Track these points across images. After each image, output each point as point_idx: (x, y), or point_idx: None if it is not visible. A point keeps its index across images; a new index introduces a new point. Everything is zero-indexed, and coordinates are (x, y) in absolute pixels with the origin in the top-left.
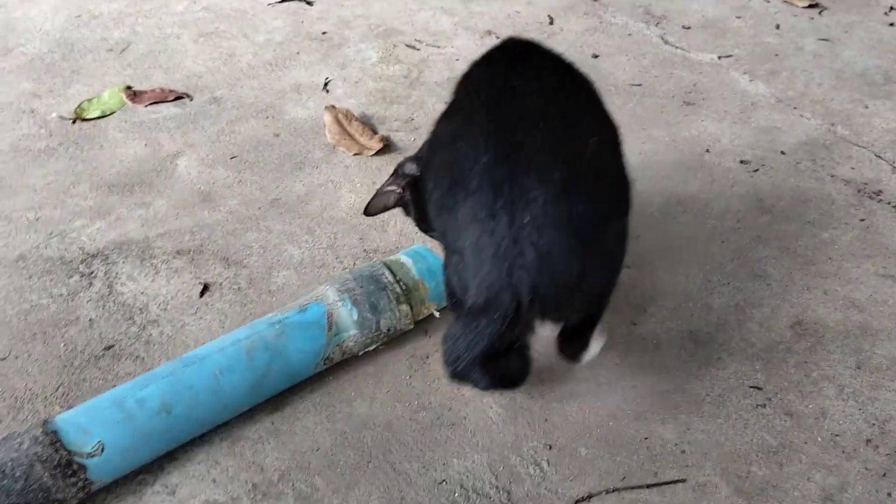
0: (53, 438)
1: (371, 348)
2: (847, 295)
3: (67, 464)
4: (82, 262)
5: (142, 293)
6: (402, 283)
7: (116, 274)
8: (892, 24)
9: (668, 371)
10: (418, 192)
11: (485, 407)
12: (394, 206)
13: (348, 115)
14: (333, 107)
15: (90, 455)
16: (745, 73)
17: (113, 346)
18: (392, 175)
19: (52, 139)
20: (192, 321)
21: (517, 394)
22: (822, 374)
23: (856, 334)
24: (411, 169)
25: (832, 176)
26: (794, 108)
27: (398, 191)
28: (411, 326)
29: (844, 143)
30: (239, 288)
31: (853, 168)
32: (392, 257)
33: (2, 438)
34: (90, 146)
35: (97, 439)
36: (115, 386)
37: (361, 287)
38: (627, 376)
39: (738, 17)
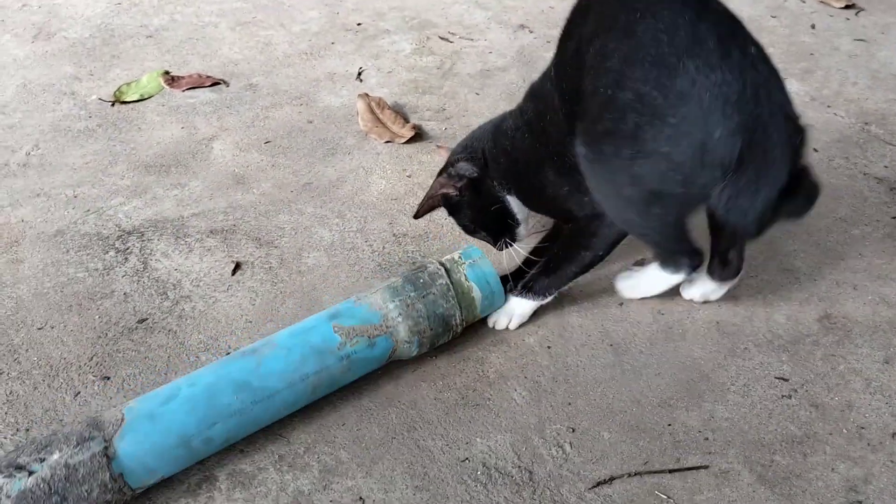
0: (121, 484)
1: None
2: (877, 290)
3: (131, 499)
4: (118, 238)
5: (175, 269)
6: (464, 323)
7: (151, 251)
8: None
9: (694, 360)
10: (476, 193)
11: (509, 389)
12: (436, 208)
13: (381, 104)
14: (367, 95)
15: (150, 485)
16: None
17: (146, 319)
18: (443, 174)
19: (92, 120)
20: (223, 298)
21: (541, 377)
22: (850, 368)
23: (884, 329)
24: (468, 170)
25: (865, 174)
26: (828, 106)
27: (454, 193)
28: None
29: (878, 141)
30: (270, 267)
31: (886, 167)
32: (464, 281)
33: (64, 478)
34: (128, 128)
35: (161, 475)
36: (147, 359)
37: (431, 330)
38: (653, 364)
39: (774, 17)
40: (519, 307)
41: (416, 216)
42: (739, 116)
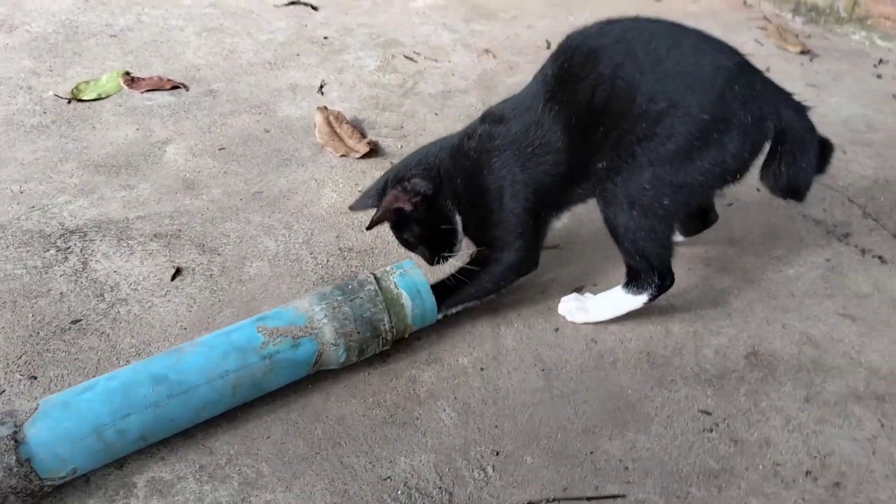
0: (28, 470)
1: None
2: (805, 331)
3: (39, 489)
4: (60, 236)
5: (115, 272)
6: (394, 331)
7: (92, 251)
8: (879, 76)
9: (622, 389)
10: (428, 209)
11: (438, 409)
12: (387, 221)
13: (339, 118)
14: (325, 108)
15: (63, 478)
16: None
17: (80, 320)
18: (396, 188)
19: (46, 116)
20: (160, 303)
21: (471, 399)
22: (771, 405)
23: (808, 369)
24: (424, 186)
25: (804, 216)
26: None
27: (408, 208)
28: None
29: (819, 185)
30: (211, 275)
31: (825, 210)
32: (394, 288)
33: None
34: (82, 126)
35: (72, 466)
36: (77, 360)
37: (358, 333)
38: (582, 391)
39: None
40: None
41: (369, 228)
42: (759, 107)
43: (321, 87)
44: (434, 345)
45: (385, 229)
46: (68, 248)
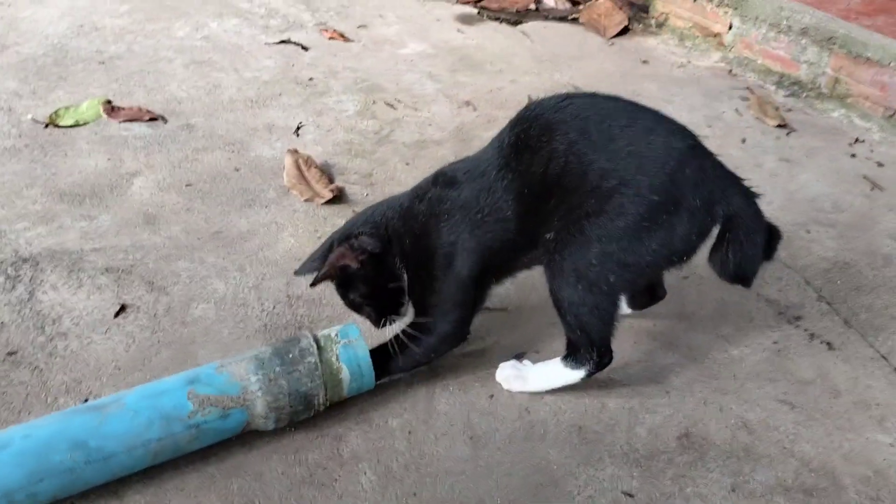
0: None
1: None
2: (741, 415)
3: None
4: (12, 264)
5: (60, 304)
6: (328, 402)
7: (41, 281)
8: (853, 156)
9: (548, 463)
10: (375, 268)
11: (359, 472)
12: (333, 278)
13: (308, 162)
14: (296, 151)
15: None
16: None
17: (16, 352)
18: (343, 245)
19: (20, 140)
20: (100, 340)
21: (394, 463)
22: (696, 492)
23: (739, 456)
24: (371, 245)
25: (758, 294)
26: None
27: (355, 266)
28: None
29: (778, 264)
30: (155, 314)
31: (780, 290)
32: (335, 361)
33: None
34: (55, 152)
35: None
36: (5, 394)
37: (291, 407)
38: (507, 462)
39: (709, 126)
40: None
41: (313, 284)
42: (709, 192)
43: (298, 128)
44: (366, 403)
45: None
46: (18, 276)
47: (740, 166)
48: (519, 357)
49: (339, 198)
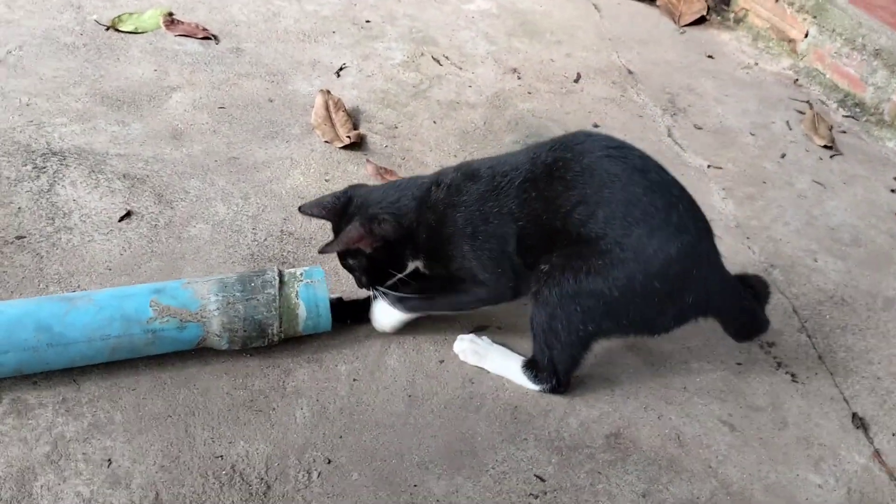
0: None
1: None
2: (678, 427)
3: None
4: (42, 155)
5: (74, 200)
6: (281, 335)
7: (63, 176)
8: (893, 191)
9: (474, 434)
10: (385, 252)
11: (296, 406)
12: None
13: (338, 104)
14: (328, 91)
15: None
16: (723, 188)
17: (24, 237)
18: (364, 225)
19: (81, 38)
20: (100, 240)
21: (331, 405)
22: (607, 489)
23: (661, 465)
24: (390, 234)
25: None
26: (748, 237)
27: (368, 251)
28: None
29: (772, 287)
30: (155, 225)
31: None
32: (293, 297)
33: None
34: (108, 56)
35: None
36: (3, 273)
37: (245, 332)
38: (436, 425)
39: (752, 134)
40: (388, 315)
41: (321, 252)
42: (706, 293)
43: (340, 69)
44: (321, 344)
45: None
46: (44, 167)
47: (769, 181)
48: (479, 330)
49: (357, 145)
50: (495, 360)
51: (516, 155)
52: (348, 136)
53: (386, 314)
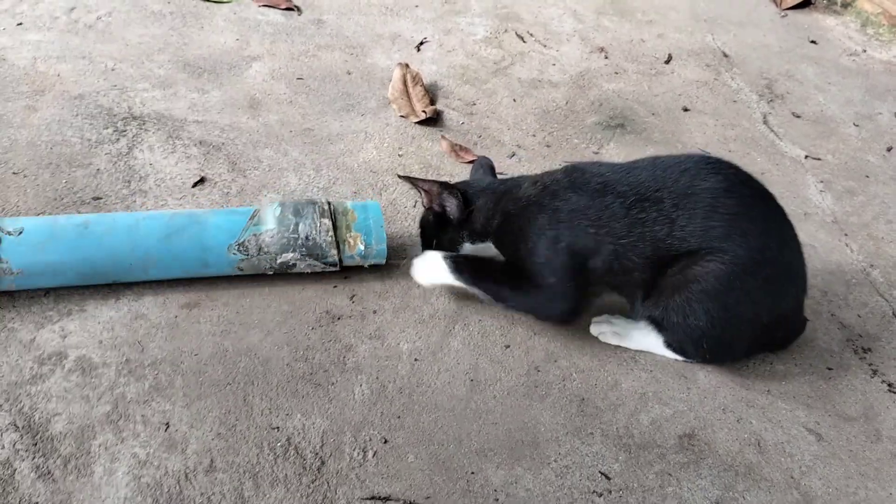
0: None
1: (289, 258)
2: (758, 432)
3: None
4: (123, 119)
5: (150, 164)
6: (331, 206)
7: (142, 140)
8: None
9: (536, 424)
10: (439, 225)
11: (356, 382)
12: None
13: (416, 78)
14: (407, 65)
15: (9, 233)
16: (821, 181)
17: (101, 198)
18: (443, 189)
19: (168, 6)
20: (173, 204)
21: (391, 384)
22: (676, 493)
23: (738, 471)
24: (452, 210)
25: (832, 315)
26: (845, 234)
27: (426, 207)
28: (336, 256)
29: (870, 288)
30: (227, 193)
31: (860, 316)
32: (345, 210)
33: None
34: (193, 24)
35: (21, 225)
36: None
37: (295, 200)
38: (497, 412)
39: (856, 125)
40: (432, 270)
41: (399, 176)
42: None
43: (420, 43)
44: (386, 322)
45: (403, 202)
46: (124, 131)
47: (871, 175)
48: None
49: (433, 120)
50: (638, 339)
51: (636, 170)
52: (424, 111)
53: (429, 268)
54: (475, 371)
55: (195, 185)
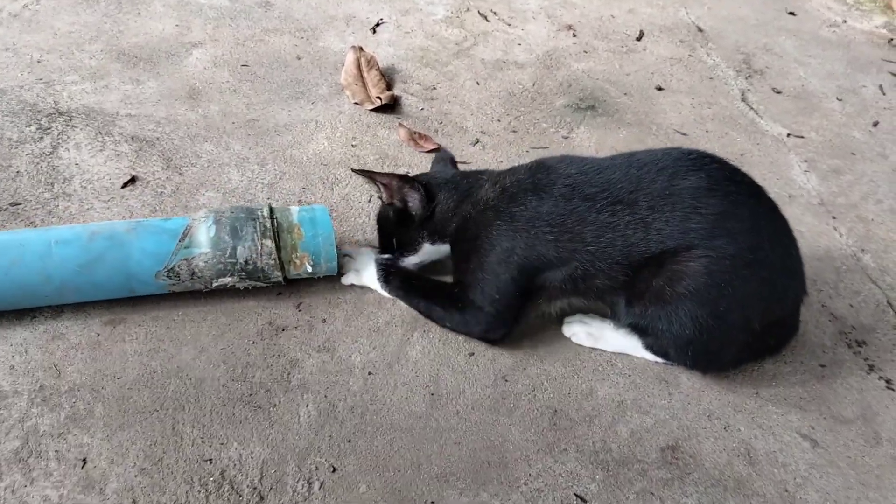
0: None
1: (227, 281)
2: (748, 440)
3: None
4: (48, 115)
5: (76, 164)
6: (274, 221)
7: (68, 138)
8: None
9: (504, 442)
10: (399, 220)
11: (301, 403)
12: (376, 185)
13: (371, 62)
14: (361, 48)
15: None
16: (805, 160)
17: (20, 204)
18: (404, 183)
19: None
20: (99, 208)
21: (341, 403)
22: None
23: (727, 486)
24: (415, 206)
25: (823, 306)
26: (833, 217)
27: (386, 202)
28: (279, 276)
29: (862, 275)
30: (161, 193)
31: (852, 306)
32: (292, 218)
33: None
34: (130, 10)
35: None
36: None
37: (232, 213)
38: (461, 430)
39: (839, 100)
40: (370, 278)
41: (355, 170)
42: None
43: (376, 25)
44: (337, 332)
45: (357, 196)
46: (49, 129)
47: (858, 152)
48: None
49: (390, 107)
50: (615, 341)
51: (608, 169)
52: (379, 98)
53: (361, 270)
54: (436, 384)
55: (125, 185)
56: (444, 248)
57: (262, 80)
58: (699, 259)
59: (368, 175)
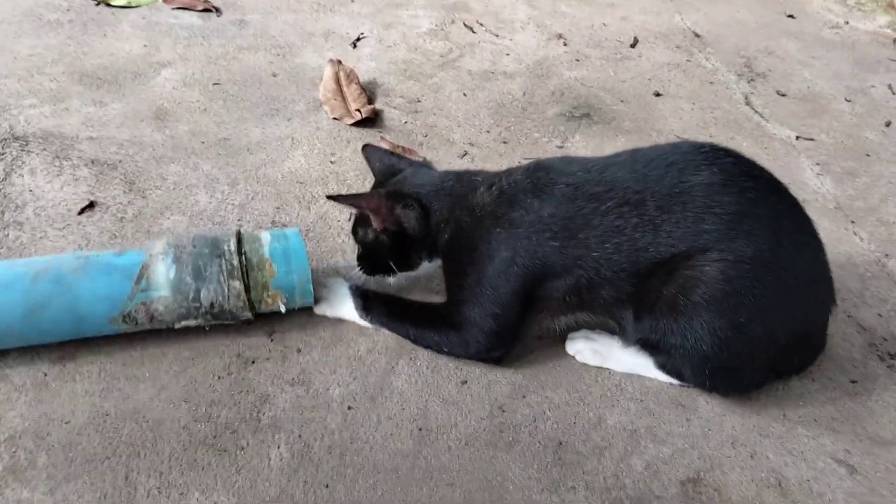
0: None
1: (191, 324)
2: (778, 469)
3: None
4: (1, 140)
5: (31, 191)
6: (244, 257)
7: (23, 163)
8: None
9: (504, 481)
10: (395, 241)
11: (272, 444)
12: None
13: (350, 76)
14: (339, 62)
15: None
16: (817, 163)
17: None
18: (389, 201)
19: (66, 14)
20: (53, 237)
21: (317, 443)
22: None
23: None
24: (411, 225)
25: (850, 316)
26: (852, 221)
27: (378, 228)
28: (249, 315)
29: (888, 282)
30: (122, 218)
31: (881, 315)
32: (254, 232)
33: None
34: (95, 32)
35: None
36: None
37: (194, 248)
38: (454, 469)
39: (848, 100)
40: (349, 311)
41: (330, 197)
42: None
43: (357, 39)
44: (313, 363)
45: (335, 215)
46: (2, 154)
47: (872, 153)
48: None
49: (371, 121)
50: (624, 360)
51: (612, 167)
52: (359, 111)
53: (335, 303)
54: (424, 417)
55: (82, 211)
56: (437, 261)
57: (234, 98)
58: (714, 263)
59: (350, 201)
